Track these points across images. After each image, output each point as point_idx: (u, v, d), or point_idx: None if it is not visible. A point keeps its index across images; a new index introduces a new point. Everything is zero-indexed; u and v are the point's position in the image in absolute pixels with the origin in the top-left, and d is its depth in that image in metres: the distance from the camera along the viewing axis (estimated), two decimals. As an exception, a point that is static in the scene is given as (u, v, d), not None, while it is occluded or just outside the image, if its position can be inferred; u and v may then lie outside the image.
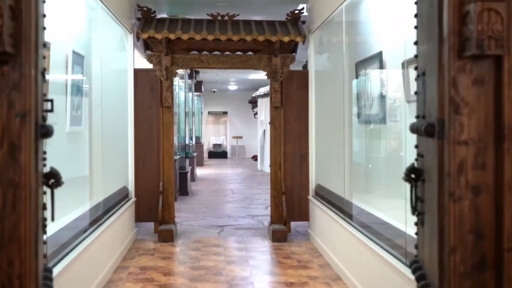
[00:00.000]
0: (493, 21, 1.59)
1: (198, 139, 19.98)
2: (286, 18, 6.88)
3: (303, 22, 6.95)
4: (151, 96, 6.80)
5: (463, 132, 1.66)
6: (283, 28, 6.69)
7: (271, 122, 6.91)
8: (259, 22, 6.78)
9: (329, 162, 6.60)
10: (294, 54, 6.91)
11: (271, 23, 6.79)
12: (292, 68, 6.99)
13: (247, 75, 17.59)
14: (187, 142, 13.00)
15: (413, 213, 1.99)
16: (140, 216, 6.81)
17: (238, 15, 6.79)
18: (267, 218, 8.02)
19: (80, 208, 5.00)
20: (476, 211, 1.66)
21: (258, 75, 17.28)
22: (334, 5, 5.79)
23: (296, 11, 6.87)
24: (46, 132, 1.86)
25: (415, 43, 2.11)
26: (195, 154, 14.64)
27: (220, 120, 25.69)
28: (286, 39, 6.51)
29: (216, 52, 6.94)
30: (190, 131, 14.74)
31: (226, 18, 6.76)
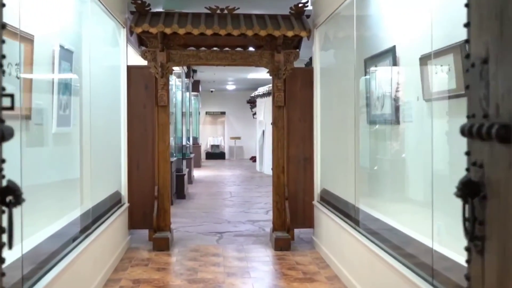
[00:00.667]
0: None
1: (195, 140, 19.57)
2: (290, 12, 6.46)
3: (308, 17, 6.53)
4: (146, 95, 6.37)
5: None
6: (287, 22, 6.27)
7: (273, 123, 6.49)
8: (260, 16, 6.36)
9: (335, 165, 6.20)
10: (298, 50, 6.49)
11: (273, 17, 6.37)
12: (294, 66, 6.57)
13: (245, 74, 17.19)
14: (184, 143, 12.58)
15: (469, 237, 1.57)
16: (133, 223, 6.38)
17: (238, 8, 6.37)
18: (268, 223, 7.62)
19: (66, 217, 4.59)
20: None
21: (257, 74, 16.89)
22: (342, -3, 5.39)
23: (300, 5, 6.44)
24: (0, 135, 1.45)
25: (466, 25, 1.69)
26: (192, 155, 14.22)
27: (218, 120, 25.31)
28: (290, 34, 6.10)
29: (215, 49, 6.51)
30: (187, 131, 14.31)
31: (225, 11, 6.34)
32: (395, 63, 4.77)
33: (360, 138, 5.51)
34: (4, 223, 1.50)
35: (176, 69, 11.23)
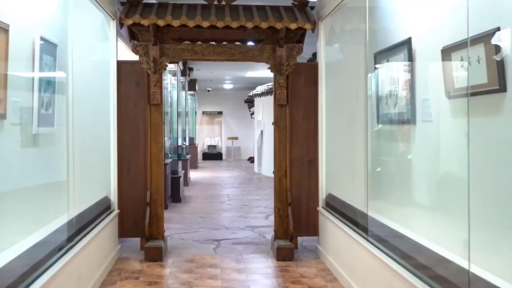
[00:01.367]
0: None
1: (192, 140, 19.11)
2: (293, 3, 5.99)
3: (312, 8, 6.06)
4: (137, 92, 5.89)
5: None
6: (289, 14, 5.80)
7: (275, 123, 6.02)
8: (261, 8, 5.89)
9: (342, 169, 5.73)
10: (301, 44, 6.03)
11: (275, 8, 5.90)
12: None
13: (243, 72, 16.73)
14: (179, 144, 12.11)
15: None
16: (124, 231, 5.90)
17: (237, -1, 5.91)
18: (268, 230, 7.18)
19: (47, 227, 4.13)
20: None
21: (255, 73, 16.44)
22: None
23: (303, -5, 5.98)
24: None
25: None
26: (188, 156, 13.75)
27: (215, 120, 24.87)
28: (293, 26, 5.63)
29: (212, 43, 6.03)
30: (183, 132, 13.84)
31: (223, 2, 5.86)
32: (410, 56, 4.32)
33: (370, 139, 5.07)
34: None
35: (172, 66, 10.76)
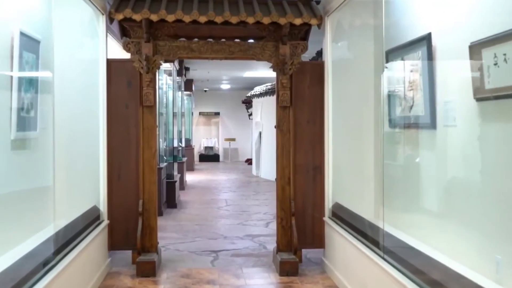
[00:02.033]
0: None
1: (188, 141, 18.66)
2: (297, -3, 5.56)
3: (317, 3, 5.63)
4: (129, 93, 5.45)
5: None
6: (293, 9, 5.37)
7: (277, 126, 5.58)
8: (263, 2, 5.44)
9: (350, 176, 5.30)
10: (306, 41, 5.59)
11: (278, 2, 5.45)
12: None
13: (241, 73, 16.29)
14: (175, 145, 11.66)
15: None
16: (114, 243, 5.45)
17: (237, -8, 5.46)
18: (269, 239, 6.74)
19: (28, 241, 3.70)
20: None
21: (253, 73, 16.00)
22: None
23: (308, -11, 5.55)
24: None
25: None
26: (184, 159, 13.29)
27: (212, 121, 24.43)
28: (298, 21, 5.19)
29: (210, 40, 5.59)
30: (179, 133, 13.39)
31: (222, -4, 5.43)
32: (430, 54, 3.88)
33: (382, 144, 4.65)
34: None
35: (167, 66, 10.31)
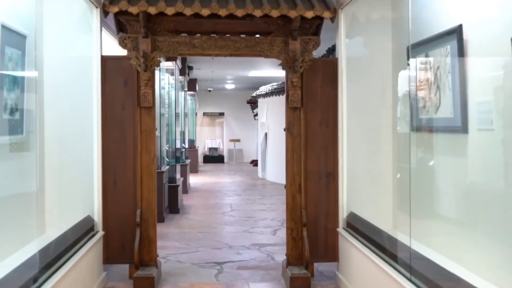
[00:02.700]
0: None
1: (192, 142, 18.24)
2: (308, -12, 5.10)
3: (330, -6, 5.19)
4: (125, 93, 5.00)
5: None
6: (304, 1, 4.91)
7: (287, 129, 5.13)
8: (271, -7, 5.01)
9: (366, 183, 4.86)
10: (318, 37, 5.14)
11: (287, -6, 5.01)
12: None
13: (246, 72, 15.85)
14: (178, 146, 11.22)
15: None
16: (110, 256, 5.01)
17: (242, -17, 5.02)
18: (278, 249, 6.31)
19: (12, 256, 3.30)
20: None
21: (259, 72, 15.56)
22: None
23: (320, -21, 5.09)
24: None
25: None
26: (188, 161, 12.86)
27: (216, 121, 24.00)
28: (310, 14, 4.74)
29: (213, 35, 5.15)
30: (182, 134, 12.96)
31: (226, -13, 4.99)
32: (461, 48, 3.43)
33: (402, 150, 4.22)
34: None
35: (169, 64, 9.87)
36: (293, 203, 5.11)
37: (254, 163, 19.82)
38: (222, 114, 23.77)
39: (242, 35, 5.14)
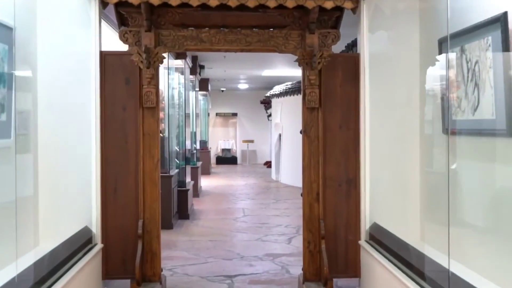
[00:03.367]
0: None
1: (204, 143, 17.84)
2: (326, -23, 4.64)
3: (351, -17, 4.72)
4: (127, 92, 4.58)
5: None
6: (323, -10, 4.46)
7: (304, 131, 4.68)
8: (286, -18, 4.55)
9: (391, 191, 4.39)
10: (337, 30, 4.69)
11: (304, -17, 4.56)
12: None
13: (260, 71, 15.42)
14: (188, 147, 10.81)
15: None
16: (109, 270, 4.58)
17: (255, -28, 4.57)
18: (293, 260, 5.87)
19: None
20: None
21: (273, 71, 15.11)
22: None
23: (340, -33, 4.62)
24: None
25: None
26: (199, 163, 12.44)
27: (229, 122, 23.62)
28: (329, 4, 4.29)
29: (223, 29, 4.71)
30: (193, 135, 12.55)
31: (237, -24, 4.54)
32: (506, 40, 2.95)
33: (433, 154, 3.77)
34: None
35: (179, 63, 9.47)
36: (310, 213, 4.65)
37: (268, 164, 19.40)
38: (235, 115, 23.39)
39: (254, 29, 4.69)
